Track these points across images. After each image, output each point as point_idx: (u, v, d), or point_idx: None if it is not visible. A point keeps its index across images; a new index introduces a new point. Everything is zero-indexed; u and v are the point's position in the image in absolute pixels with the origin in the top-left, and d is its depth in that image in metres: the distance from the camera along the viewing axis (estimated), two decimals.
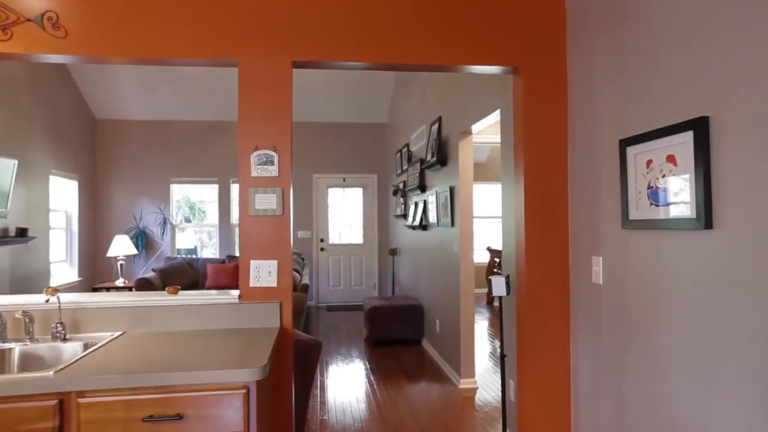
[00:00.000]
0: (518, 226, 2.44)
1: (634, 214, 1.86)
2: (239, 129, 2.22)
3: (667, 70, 1.69)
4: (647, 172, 1.79)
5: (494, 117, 3.58)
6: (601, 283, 2.11)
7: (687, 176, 1.59)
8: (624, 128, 1.94)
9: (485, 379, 4.43)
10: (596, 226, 2.15)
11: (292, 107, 2.33)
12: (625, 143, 1.90)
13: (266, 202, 2.20)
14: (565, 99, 2.38)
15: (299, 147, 8.36)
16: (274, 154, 2.22)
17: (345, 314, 7.63)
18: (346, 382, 4.42)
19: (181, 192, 9.65)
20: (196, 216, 11.09)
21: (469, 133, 4.21)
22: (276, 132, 2.23)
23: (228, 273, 7.12)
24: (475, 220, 5.79)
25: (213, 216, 8.69)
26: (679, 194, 1.62)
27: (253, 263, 2.20)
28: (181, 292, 2.26)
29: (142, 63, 2.22)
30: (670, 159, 1.67)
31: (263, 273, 2.19)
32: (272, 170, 2.21)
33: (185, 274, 7.13)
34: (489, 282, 2.86)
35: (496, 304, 8.30)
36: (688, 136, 1.58)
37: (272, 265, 2.20)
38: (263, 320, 2.17)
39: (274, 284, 2.20)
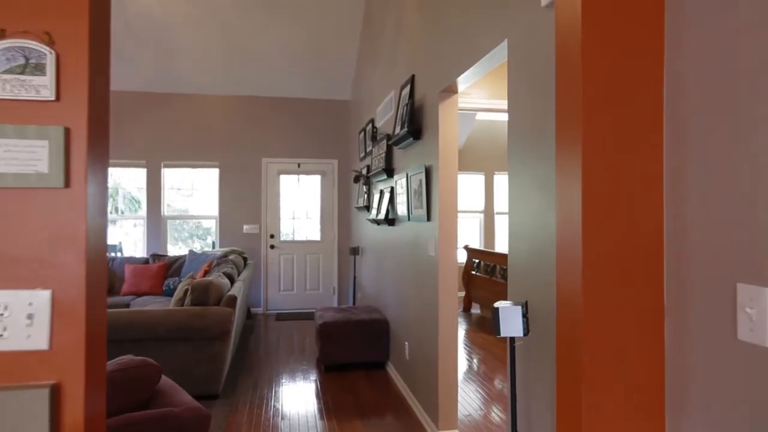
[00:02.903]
0: (566, 231, 1.27)
1: None
2: None
3: None
4: None
5: (495, 58, 2.41)
6: (765, 344, 0.96)
7: None
8: None
9: (465, 413, 3.29)
10: (748, 223, 1.00)
11: None
12: None
13: (21, 157, 0.96)
14: None
15: (246, 125, 7.05)
16: (45, 51, 0.98)
17: (297, 324, 6.40)
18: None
19: (111, 178, 8.26)
20: (130, 206, 9.63)
21: (453, 91, 3.04)
22: None
23: (151, 276, 5.80)
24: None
25: (141, 205, 7.31)
26: None
27: None
28: None
29: None
30: None
31: (15, 320, 0.96)
32: (40, 86, 0.98)
33: None
34: (494, 313, 1.70)
35: (474, 310, 7.19)
36: None
37: (38, 300, 0.97)
38: (10, 428, 0.94)
39: (43, 345, 0.97)
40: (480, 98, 3.51)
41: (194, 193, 7.34)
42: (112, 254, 6.97)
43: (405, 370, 3.92)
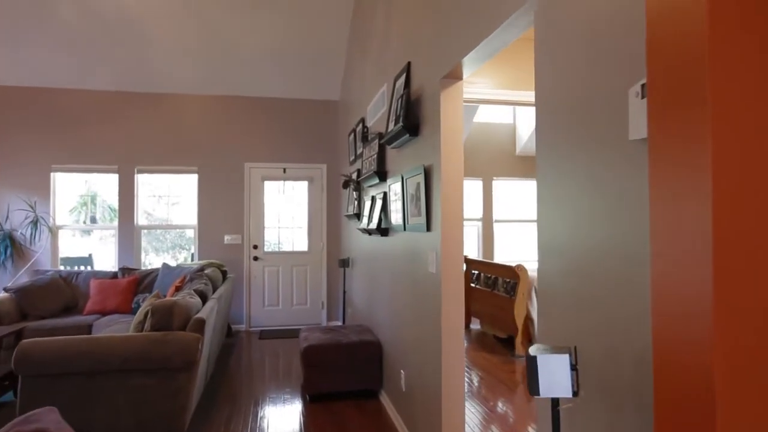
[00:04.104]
0: (674, 258, 0.78)
1: None
2: None
3: None
4: None
5: (513, 28, 1.93)
6: None
7: None
8: None
9: None
10: None
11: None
12: None
13: None
14: None
15: (226, 127, 6.54)
16: None
17: (282, 343, 5.86)
18: None
19: (86, 185, 7.71)
20: (107, 215, 9.06)
21: (457, 77, 2.56)
22: None
23: (119, 292, 5.25)
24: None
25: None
26: None
27: None
28: None
29: None
30: None
31: None
32: None
33: (58, 293, 5.20)
34: (530, 363, 1.20)
35: (474, 325, 6.68)
36: None
37: None
38: None
39: None
40: (485, 88, 3.03)
41: (174, 200, 6.81)
42: (82, 268, 6.41)
43: (401, 401, 3.40)
